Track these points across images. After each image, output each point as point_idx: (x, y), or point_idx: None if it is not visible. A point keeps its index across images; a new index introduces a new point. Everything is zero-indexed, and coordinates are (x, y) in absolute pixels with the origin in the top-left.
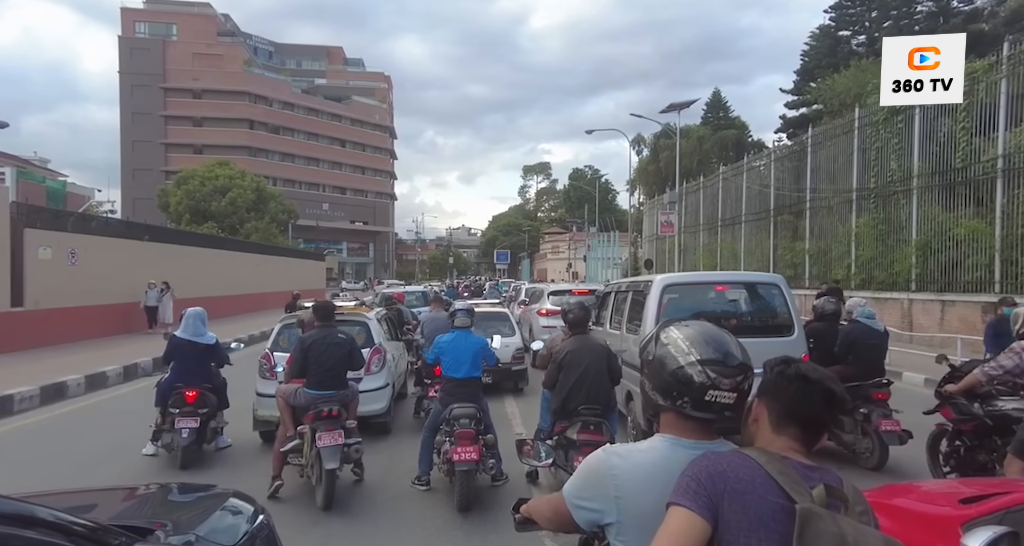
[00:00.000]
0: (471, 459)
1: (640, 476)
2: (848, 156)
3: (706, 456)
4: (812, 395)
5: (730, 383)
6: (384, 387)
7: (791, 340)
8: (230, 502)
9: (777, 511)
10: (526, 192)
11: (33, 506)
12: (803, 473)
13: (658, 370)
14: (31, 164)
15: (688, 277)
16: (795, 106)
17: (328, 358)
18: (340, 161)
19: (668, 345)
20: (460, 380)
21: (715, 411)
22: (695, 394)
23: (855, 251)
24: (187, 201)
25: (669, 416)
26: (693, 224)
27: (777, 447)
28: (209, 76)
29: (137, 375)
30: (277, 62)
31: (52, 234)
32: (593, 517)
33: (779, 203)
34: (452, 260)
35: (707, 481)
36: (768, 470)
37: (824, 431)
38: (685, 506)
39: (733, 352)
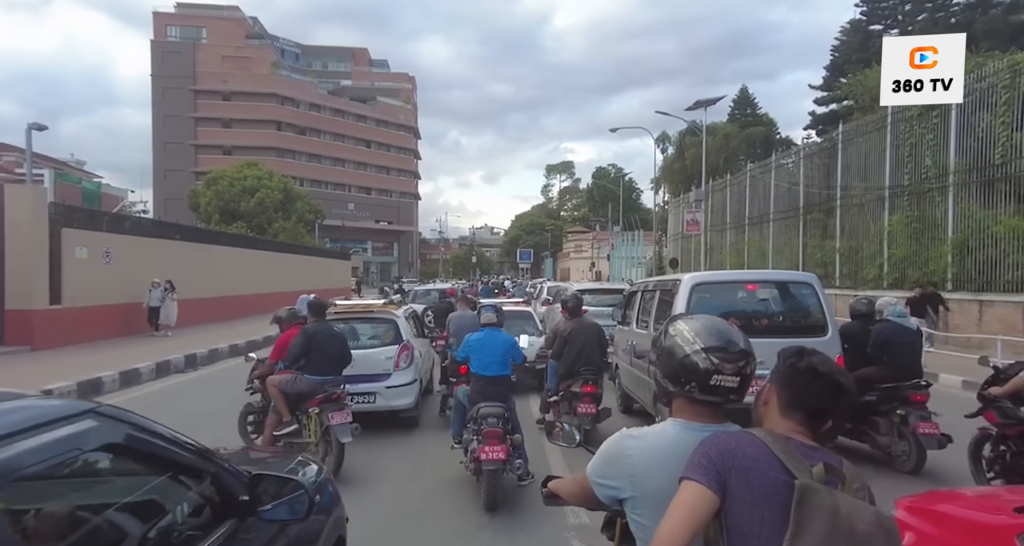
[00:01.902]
0: (498, 459)
1: (652, 457)
2: (880, 153)
3: (716, 436)
4: (821, 387)
5: (733, 368)
6: (412, 383)
7: (824, 341)
8: (302, 457)
9: (779, 485)
10: (549, 191)
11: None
12: (805, 452)
13: (667, 359)
14: (68, 166)
15: (718, 276)
16: (824, 102)
17: (330, 347)
18: (365, 161)
19: (675, 336)
20: (489, 378)
21: (720, 394)
22: (701, 379)
23: (887, 250)
24: (216, 201)
25: (680, 401)
26: (719, 223)
27: (783, 429)
28: (238, 78)
29: (169, 372)
30: (304, 64)
31: (88, 234)
32: (612, 493)
33: (809, 201)
34: (475, 259)
35: (716, 458)
36: (772, 449)
37: (829, 419)
38: (696, 480)
39: (735, 340)
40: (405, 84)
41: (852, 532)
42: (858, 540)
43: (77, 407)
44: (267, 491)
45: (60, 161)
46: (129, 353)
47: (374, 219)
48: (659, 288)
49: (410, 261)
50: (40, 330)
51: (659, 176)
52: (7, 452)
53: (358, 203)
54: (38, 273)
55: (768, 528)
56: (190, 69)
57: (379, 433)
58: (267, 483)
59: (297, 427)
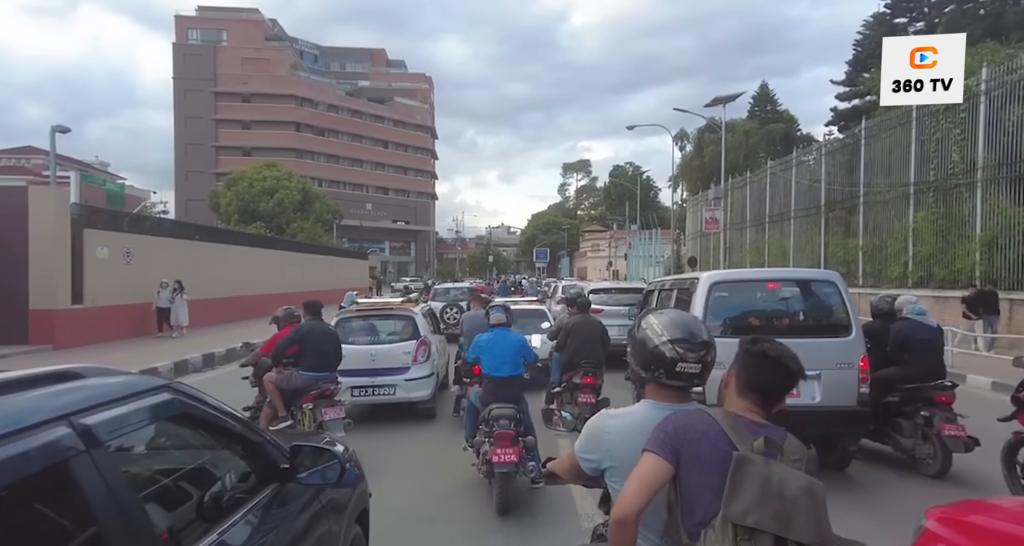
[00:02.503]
0: (511, 461)
1: (627, 432)
2: (905, 148)
3: (675, 413)
4: (771, 370)
5: (695, 356)
6: (430, 376)
7: (848, 341)
8: (326, 438)
9: (725, 456)
10: (566, 190)
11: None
12: (751, 428)
13: (639, 349)
14: (92, 168)
15: (737, 274)
16: (847, 98)
17: (325, 345)
18: (383, 162)
19: (646, 329)
20: (500, 379)
21: (685, 379)
22: (668, 366)
23: (912, 248)
24: (236, 202)
25: (650, 386)
26: (739, 221)
27: (738, 408)
28: (257, 80)
29: (188, 371)
30: (322, 65)
31: (109, 234)
32: (594, 466)
33: (830, 198)
34: (492, 259)
35: (672, 432)
36: (721, 425)
37: (781, 399)
38: (654, 452)
39: (697, 332)
40: (422, 84)
41: (781, 495)
42: (786, 502)
43: (156, 382)
44: (304, 461)
45: (86, 163)
46: (148, 352)
47: (391, 219)
48: (676, 287)
49: (427, 261)
50: (62, 329)
51: (677, 174)
52: (103, 416)
53: (376, 203)
54: (61, 273)
55: (712, 491)
56: (211, 71)
57: (391, 433)
58: (305, 453)
59: (292, 422)
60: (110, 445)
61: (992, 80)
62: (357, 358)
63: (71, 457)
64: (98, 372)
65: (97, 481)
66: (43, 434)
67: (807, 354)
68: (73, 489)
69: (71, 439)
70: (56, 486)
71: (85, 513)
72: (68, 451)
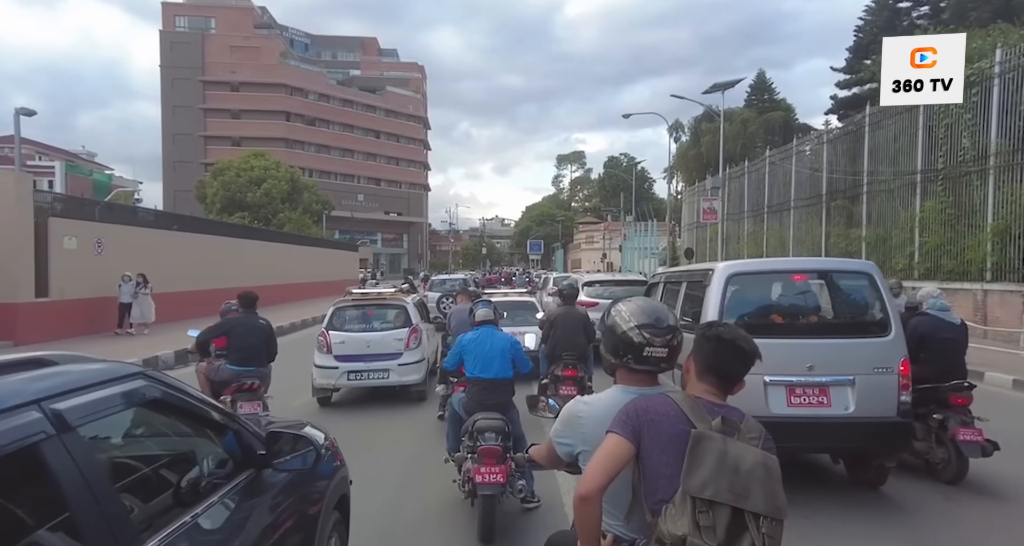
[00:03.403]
0: (496, 481)
1: (598, 416)
2: (911, 135)
3: (639, 397)
4: (725, 352)
5: (662, 341)
6: (421, 361)
7: (887, 341)
8: (307, 427)
9: (683, 435)
10: (560, 182)
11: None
12: (709, 409)
13: (609, 336)
14: (79, 158)
15: (757, 265)
16: (847, 85)
17: (251, 338)
18: (375, 152)
19: (615, 316)
20: (487, 382)
21: (652, 364)
22: (635, 351)
23: (919, 238)
24: (223, 192)
25: (620, 371)
26: (737, 211)
27: (697, 391)
28: (247, 69)
29: (158, 367)
30: (313, 54)
31: (78, 223)
32: (568, 450)
33: (832, 188)
34: (485, 250)
35: (633, 414)
36: (680, 406)
37: (738, 380)
38: (616, 432)
39: (663, 317)
40: (415, 74)
41: (737, 469)
42: (742, 475)
43: (131, 369)
44: (281, 448)
45: (71, 153)
46: (116, 349)
47: (384, 210)
48: (686, 279)
49: (420, 252)
50: (24, 324)
51: (673, 164)
52: (75, 401)
53: (367, 194)
54: (23, 265)
55: (672, 469)
56: (199, 60)
57: (365, 441)
58: (281, 440)
59: None
60: (82, 430)
61: (1006, 62)
62: (353, 345)
63: (41, 441)
64: (72, 359)
65: (68, 466)
66: (12, 419)
67: (839, 357)
68: (44, 474)
69: (41, 424)
70: (26, 471)
71: (57, 498)
72: (38, 435)
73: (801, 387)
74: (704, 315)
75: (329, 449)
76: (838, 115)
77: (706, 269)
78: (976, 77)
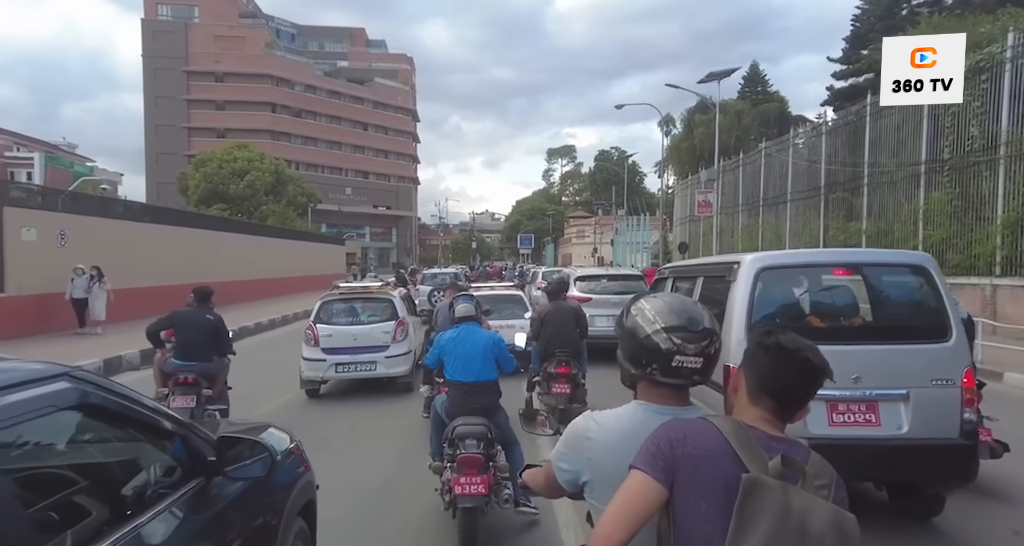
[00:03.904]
0: (477, 493)
1: (611, 439)
2: (916, 124)
3: (671, 422)
4: (787, 366)
5: (695, 348)
6: (407, 353)
7: (947, 348)
8: (271, 429)
9: (730, 479)
10: (550, 176)
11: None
12: (766, 443)
13: (629, 340)
14: (59, 149)
15: (792, 256)
16: (844, 76)
17: (193, 333)
18: (363, 145)
19: (636, 316)
20: (468, 386)
21: (683, 376)
22: (662, 361)
23: (923, 231)
24: (205, 184)
25: (642, 384)
26: (731, 205)
27: (750, 417)
28: (231, 59)
29: (121, 368)
30: (299, 44)
31: (38, 213)
32: (571, 478)
33: (831, 180)
34: (475, 245)
35: (666, 446)
36: (728, 438)
37: (802, 404)
38: (643, 470)
39: (697, 318)
40: (403, 65)
41: (803, 532)
42: (809, 541)
43: (53, 370)
44: (236, 453)
45: (51, 144)
46: (77, 348)
47: (372, 204)
48: (704, 274)
49: (409, 247)
50: None
51: (666, 157)
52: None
53: (355, 187)
54: None
55: (714, 524)
56: (182, 49)
57: (348, 441)
58: (232, 446)
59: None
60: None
61: (1018, 46)
62: (340, 338)
63: None
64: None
65: None
66: None
67: (890, 366)
68: None
69: None
70: None
71: None
72: None
73: (845, 402)
74: (728, 317)
75: (292, 453)
76: (834, 107)
77: (730, 262)
78: (986, 63)
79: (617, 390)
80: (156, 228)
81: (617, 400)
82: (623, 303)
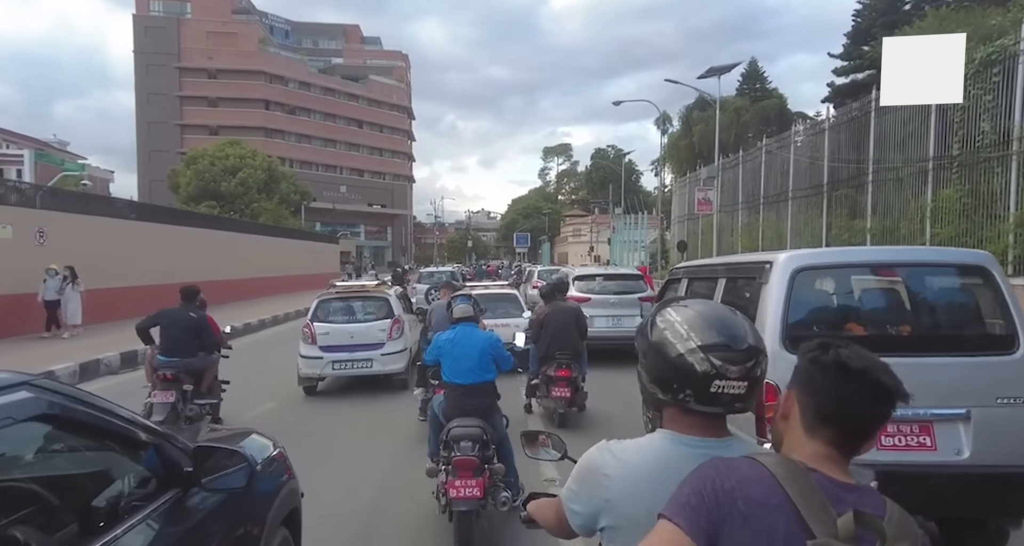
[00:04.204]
0: (472, 496)
1: (633, 477)
2: (923, 119)
3: (715, 465)
4: (853, 389)
5: (739, 371)
6: (403, 351)
7: (1014, 361)
8: (253, 436)
9: (790, 543)
10: (546, 174)
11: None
12: (833, 493)
13: (655, 360)
14: (50, 147)
15: (832, 255)
16: (846, 72)
17: (176, 330)
18: (357, 142)
19: (665, 330)
20: (465, 387)
21: (723, 404)
22: (698, 385)
23: (930, 229)
24: (196, 181)
25: (671, 411)
26: (730, 203)
27: (807, 454)
28: (224, 55)
29: (99, 373)
30: (293, 41)
31: (13, 210)
32: (586, 522)
33: (834, 177)
34: (471, 243)
35: (711, 498)
36: (787, 488)
37: (871, 436)
38: (678, 524)
39: (740, 334)
40: (398, 62)
41: None
42: None
43: (11, 379)
44: (214, 463)
45: (42, 141)
46: (52, 351)
47: (367, 202)
48: (728, 275)
49: (404, 245)
50: None
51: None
52: None
53: (350, 185)
54: None
55: None
56: (174, 45)
57: (341, 447)
58: (210, 456)
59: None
60: None
61: None
62: (337, 335)
63: None
64: None
65: None
66: None
67: (947, 382)
68: None
69: None
70: None
71: None
72: None
73: (895, 423)
74: (759, 326)
75: (275, 461)
76: (835, 103)
77: (760, 262)
78: (998, 55)
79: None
80: (141, 226)
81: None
82: (622, 303)
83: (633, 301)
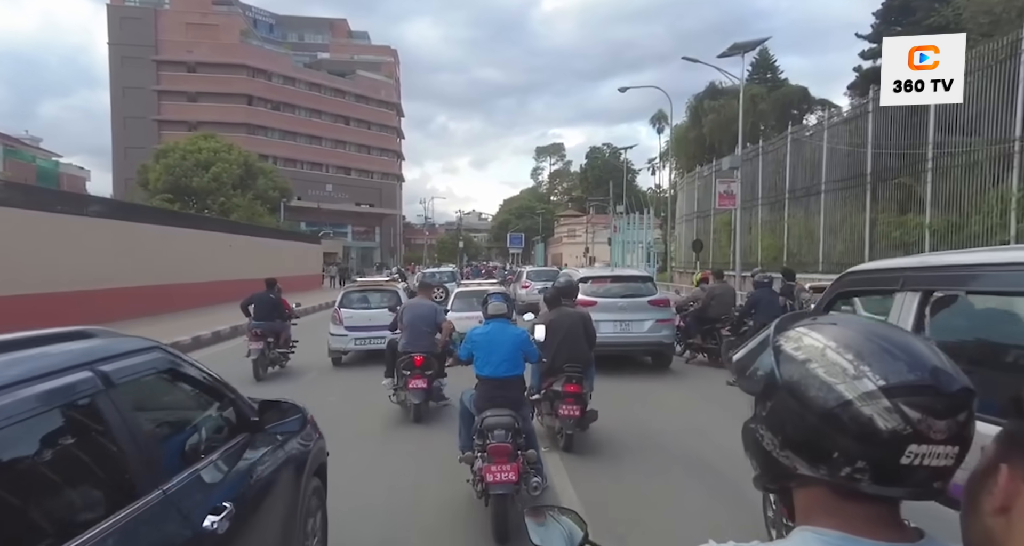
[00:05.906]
0: (508, 480)
1: None
2: (1004, 92)
3: None
4: None
5: (946, 427)
6: None
7: None
8: (287, 402)
9: None
10: (539, 174)
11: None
12: None
13: (795, 413)
14: (21, 143)
15: None
16: (873, 56)
17: (263, 305)
18: (344, 139)
19: (810, 363)
20: (497, 381)
21: (916, 483)
22: (881, 453)
23: (1016, 224)
24: (166, 176)
25: (819, 494)
26: (748, 198)
27: None
28: (204, 48)
29: None
30: (278, 35)
31: None
32: None
33: (879, 166)
34: (462, 244)
35: None
36: None
37: None
38: None
39: (943, 367)
40: (387, 57)
41: None
42: None
43: (150, 342)
44: (272, 416)
45: (12, 137)
46: None
47: (354, 201)
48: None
49: (393, 246)
50: None
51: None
52: (115, 365)
53: (336, 184)
54: None
55: None
56: (151, 37)
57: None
58: (272, 408)
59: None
60: (122, 389)
61: None
62: (358, 319)
63: (94, 394)
64: (105, 333)
65: (115, 415)
66: (72, 376)
67: None
68: (98, 420)
69: (93, 381)
70: (85, 417)
71: (110, 438)
72: (92, 389)
73: None
74: None
75: (309, 422)
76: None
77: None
78: None
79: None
80: (100, 223)
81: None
82: (630, 307)
83: (642, 304)
